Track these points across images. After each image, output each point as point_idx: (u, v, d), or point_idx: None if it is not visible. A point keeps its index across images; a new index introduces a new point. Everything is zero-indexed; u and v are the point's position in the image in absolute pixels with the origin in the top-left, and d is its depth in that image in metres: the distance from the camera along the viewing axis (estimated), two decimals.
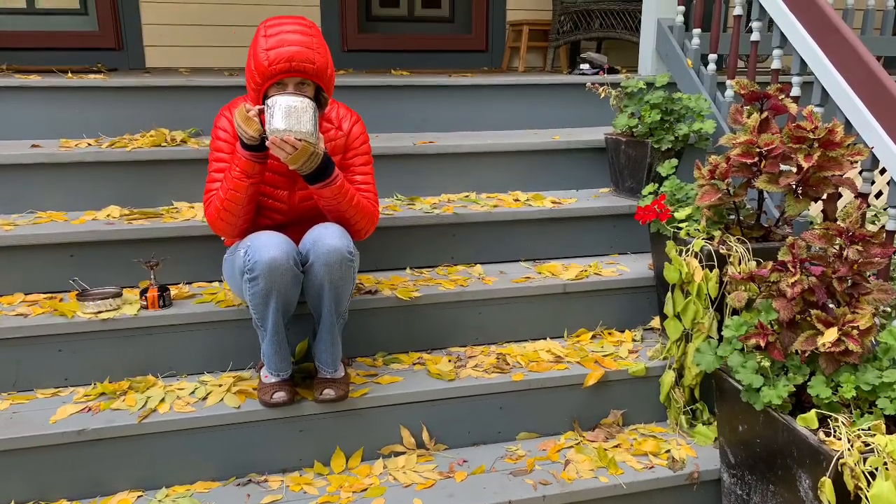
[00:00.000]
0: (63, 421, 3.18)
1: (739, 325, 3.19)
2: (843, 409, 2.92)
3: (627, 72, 5.77)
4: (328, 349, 3.29)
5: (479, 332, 3.95)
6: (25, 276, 3.74)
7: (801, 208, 3.32)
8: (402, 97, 5.15)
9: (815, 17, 3.84)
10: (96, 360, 3.48)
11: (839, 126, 3.25)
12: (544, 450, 3.55)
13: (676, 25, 5.14)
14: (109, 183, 4.14)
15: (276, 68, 2.95)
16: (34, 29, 6.94)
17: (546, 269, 4.17)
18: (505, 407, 3.61)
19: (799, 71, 4.00)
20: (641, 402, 3.76)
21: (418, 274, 4.10)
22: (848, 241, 2.98)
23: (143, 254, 3.78)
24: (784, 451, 2.95)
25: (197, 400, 3.36)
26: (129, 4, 6.94)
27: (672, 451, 3.51)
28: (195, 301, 3.67)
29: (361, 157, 3.44)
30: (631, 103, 4.49)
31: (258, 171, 3.11)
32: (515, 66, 7.90)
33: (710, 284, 3.44)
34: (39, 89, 4.52)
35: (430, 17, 8.07)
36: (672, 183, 3.88)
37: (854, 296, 2.99)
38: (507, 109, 5.35)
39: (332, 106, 3.41)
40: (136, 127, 4.63)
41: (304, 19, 3.08)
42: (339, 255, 3.06)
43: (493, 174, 4.71)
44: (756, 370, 3.06)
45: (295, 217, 3.38)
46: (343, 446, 3.43)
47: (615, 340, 3.99)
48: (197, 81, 4.81)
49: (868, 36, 6.29)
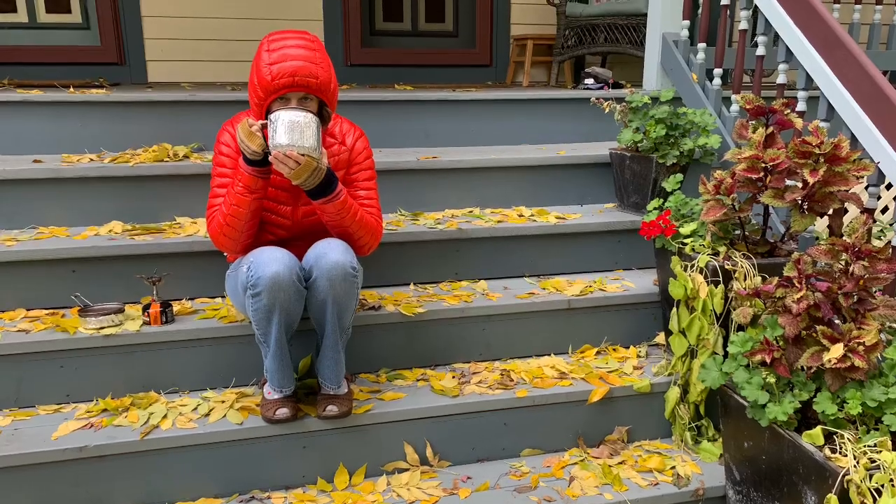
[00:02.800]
0: (65, 437, 3.16)
1: (745, 341, 3.17)
2: (849, 426, 2.90)
3: (632, 86, 5.77)
4: (331, 365, 3.27)
5: (483, 347, 3.93)
6: (27, 292, 3.73)
7: (806, 224, 3.30)
8: (406, 112, 5.15)
9: (820, 31, 3.83)
10: (98, 377, 3.47)
11: (845, 141, 3.24)
12: (549, 466, 3.53)
13: (681, 40, 5.13)
14: (112, 198, 4.13)
15: (279, 83, 2.94)
16: (36, 44, 6.95)
17: (550, 284, 4.16)
18: (509, 423, 3.59)
19: (804, 86, 3.98)
20: (646, 418, 3.74)
21: (422, 289, 4.09)
22: (854, 256, 2.96)
23: (145, 269, 3.77)
24: (789, 467, 2.93)
25: (200, 416, 3.35)
26: (131, 19, 6.95)
27: (677, 468, 3.49)
28: (198, 317, 3.65)
29: (365, 172, 3.43)
30: (636, 118, 4.48)
31: (261, 186, 3.10)
32: (520, 81, 7.89)
33: (716, 300, 3.43)
34: (41, 104, 4.52)
35: (433, 31, 8.08)
36: (677, 198, 3.87)
37: (860, 312, 2.98)
38: (511, 124, 5.34)
39: (336, 121, 3.40)
40: (138, 142, 4.63)
41: (308, 34, 3.08)
42: (343, 270, 3.05)
43: (497, 189, 4.70)
44: (761, 386, 3.05)
45: (298, 232, 3.37)
46: (346, 463, 3.41)
47: (620, 356, 3.97)
48: (199, 96, 4.81)
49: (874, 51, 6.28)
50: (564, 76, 7.56)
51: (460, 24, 8.07)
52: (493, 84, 7.67)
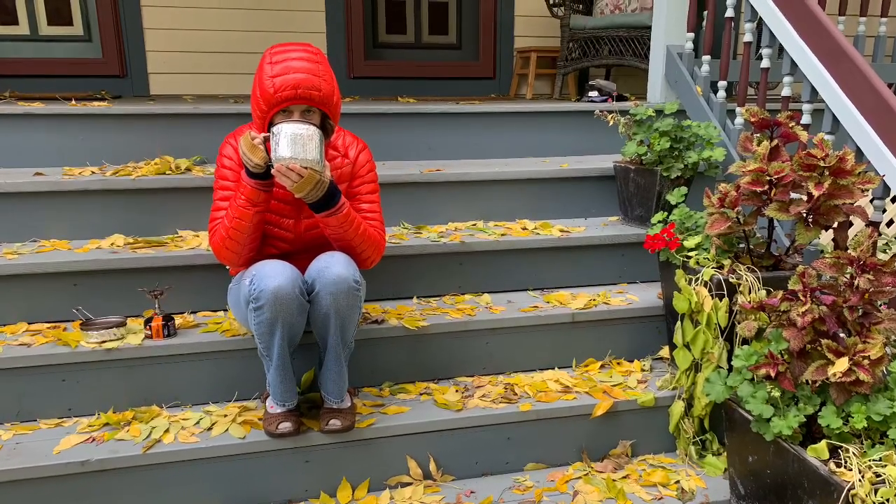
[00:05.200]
0: (67, 451, 3.14)
1: (749, 355, 3.15)
2: (854, 440, 2.89)
3: (636, 99, 5.76)
4: (334, 379, 3.25)
5: (486, 361, 3.91)
6: (29, 306, 3.72)
7: (811, 237, 3.29)
8: (409, 124, 5.14)
9: (825, 43, 3.82)
10: (100, 390, 3.45)
11: (850, 154, 3.22)
12: (552, 480, 3.51)
13: (686, 52, 5.13)
14: (113, 211, 4.13)
15: (281, 95, 2.93)
16: (38, 56, 6.97)
17: (554, 298, 4.15)
18: (513, 437, 3.57)
19: (809, 98, 3.97)
20: (650, 432, 3.73)
21: (425, 303, 4.08)
22: (859, 270, 2.95)
23: (147, 283, 3.76)
24: (794, 481, 2.92)
25: (202, 430, 3.33)
26: (133, 31, 6.97)
27: (681, 482, 3.47)
28: (200, 330, 3.64)
29: (368, 185, 3.42)
30: (640, 131, 4.47)
31: (263, 199, 3.09)
32: (523, 94, 7.90)
33: (720, 314, 3.41)
34: (43, 117, 4.52)
35: (437, 43, 8.08)
36: (681, 211, 3.85)
37: (865, 325, 2.96)
38: (515, 137, 5.34)
39: (339, 133, 3.39)
40: (140, 155, 4.63)
41: (310, 46, 3.07)
42: (346, 283, 3.03)
43: (501, 202, 4.69)
44: (766, 400, 3.03)
45: (301, 246, 3.36)
46: (349, 477, 3.40)
47: (624, 370, 3.95)
48: (202, 109, 4.80)
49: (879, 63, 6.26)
50: (568, 89, 7.55)
51: (464, 37, 8.08)
52: (496, 97, 7.68)
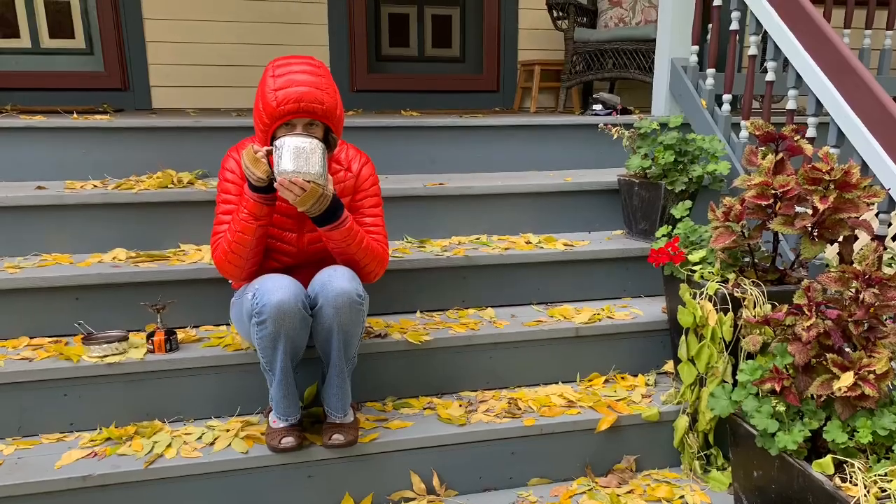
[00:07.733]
0: (68, 466, 3.13)
1: (754, 370, 3.14)
2: (860, 455, 2.88)
3: (640, 112, 5.76)
4: (337, 393, 3.24)
5: (490, 376, 3.90)
6: (30, 320, 3.71)
7: (816, 251, 3.28)
8: (412, 138, 5.14)
9: (830, 57, 3.82)
10: (102, 405, 3.44)
11: (855, 167, 3.21)
12: (556, 496, 3.49)
13: (690, 66, 5.12)
14: (115, 225, 4.12)
15: (284, 109, 2.92)
16: (39, 69, 6.98)
17: (558, 312, 4.13)
18: (517, 452, 3.56)
19: (814, 111, 3.97)
20: (655, 447, 3.71)
21: (429, 317, 4.06)
22: (864, 284, 2.94)
23: (149, 297, 3.75)
24: (800, 497, 2.90)
25: (204, 445, 3.32)
26: (135, 44, 6.98)
27: (686, 497, 3.45)
28: (202, 345, 3.63)
29: (371, 198, 3.41)
30: (644, 144, 4.46)
31: (266, 213, 3.08)
32: (527, 107, 7.90)
33: (725, 328, 3.40)
34: (44, 130, 4.52)
35: (440, 56, 8.09)
36: (686, 225, 3.84)
37: (870, 339, 2.95)
38: (519, 150, 5.33)
39: (342, 147, 3.39)
40: (142, 168, 4.62)
41: (313, 59, 3.06)
42: (349, 298, 3.02)
43: (505, 216, 4.68)
44: (771, 415, 3.02)
45: (303, 259, 3.35)
46: (352, 492, 3.38)
47: (628, 385, 3.94)
48: (204, 122, 4.80)
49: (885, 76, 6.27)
50: (572, 102, 7.56)
51: (467, 50, 8.09)
52: (500, 110, 7.68)
